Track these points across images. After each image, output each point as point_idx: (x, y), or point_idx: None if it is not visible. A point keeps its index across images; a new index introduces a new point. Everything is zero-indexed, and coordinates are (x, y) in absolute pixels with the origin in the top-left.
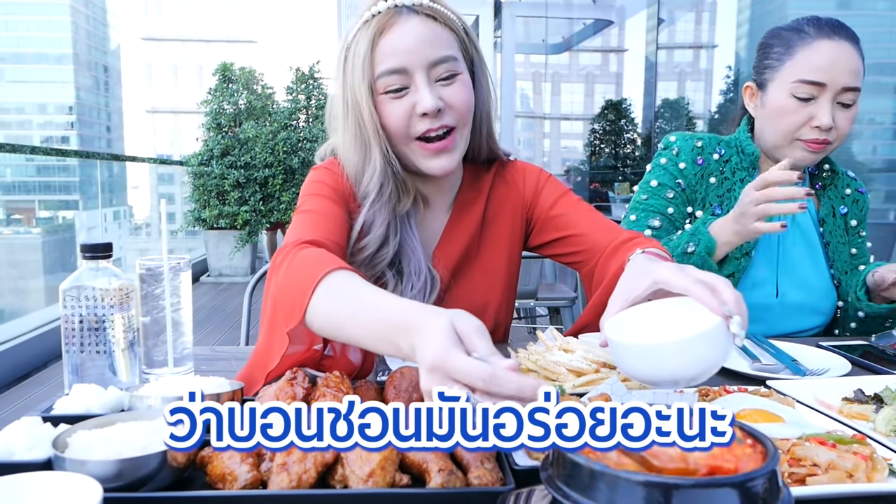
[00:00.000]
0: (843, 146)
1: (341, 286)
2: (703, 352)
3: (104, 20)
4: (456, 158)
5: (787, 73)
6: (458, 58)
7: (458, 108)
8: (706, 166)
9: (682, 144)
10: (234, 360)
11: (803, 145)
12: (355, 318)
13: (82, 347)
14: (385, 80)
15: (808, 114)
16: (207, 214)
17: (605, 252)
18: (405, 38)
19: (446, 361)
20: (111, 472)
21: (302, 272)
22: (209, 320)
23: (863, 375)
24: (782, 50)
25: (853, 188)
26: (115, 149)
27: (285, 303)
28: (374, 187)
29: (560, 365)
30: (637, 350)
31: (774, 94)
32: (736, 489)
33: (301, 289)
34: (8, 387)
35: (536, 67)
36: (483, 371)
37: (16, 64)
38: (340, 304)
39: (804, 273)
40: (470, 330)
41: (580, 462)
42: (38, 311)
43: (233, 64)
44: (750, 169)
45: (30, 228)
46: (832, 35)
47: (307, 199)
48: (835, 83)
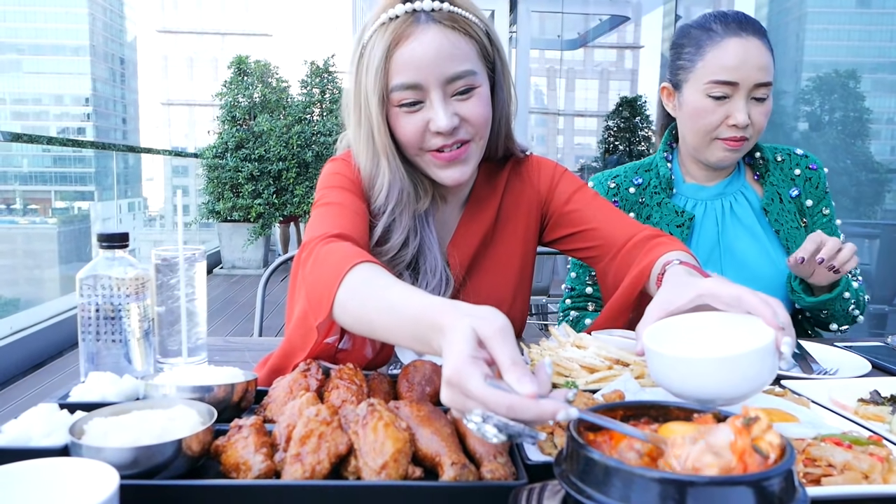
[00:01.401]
0: (861, 145)
1: (366, 281)
2: (752, 371)
3: (121, 12)
4: (469, 169)
5: (700, 74)
6: (476, 71)
7: (475, 123)
8: (623, 205)
9: (598, 190)
10: (247, 351)
11: (723, 144)
12: (382, 316)
13: (98, 336)
14: (399, 93)
15: (724, 112)
16: (221, 207)
17: (622, 248)
18: (421, 52)
19: (463, 383)
20: (127, 459)
21: (327, 267)
22: (222, 312)
23: (879, 377)
24: (693, 50)
25: (803, 166)
26: (130, 140)
27: (314, 297)
28: (392, 199)
29: (573, 361)
30: (680, 364)
31: (690, 96)
32: (751, 488)
33: (327, 284)
34: (24, 374)
35: (551, 63)
36: (501, 402)
37: (34, 55)
38: (365, 301)
39: (752, 266)
40: (492, 334)
41: (595, 458)
42: (53, 301)
43: (248, 57)
44: (667, 190)
45: (46, 218)
46: (739, 32)
47: (327, 192)
48: (746, 80)
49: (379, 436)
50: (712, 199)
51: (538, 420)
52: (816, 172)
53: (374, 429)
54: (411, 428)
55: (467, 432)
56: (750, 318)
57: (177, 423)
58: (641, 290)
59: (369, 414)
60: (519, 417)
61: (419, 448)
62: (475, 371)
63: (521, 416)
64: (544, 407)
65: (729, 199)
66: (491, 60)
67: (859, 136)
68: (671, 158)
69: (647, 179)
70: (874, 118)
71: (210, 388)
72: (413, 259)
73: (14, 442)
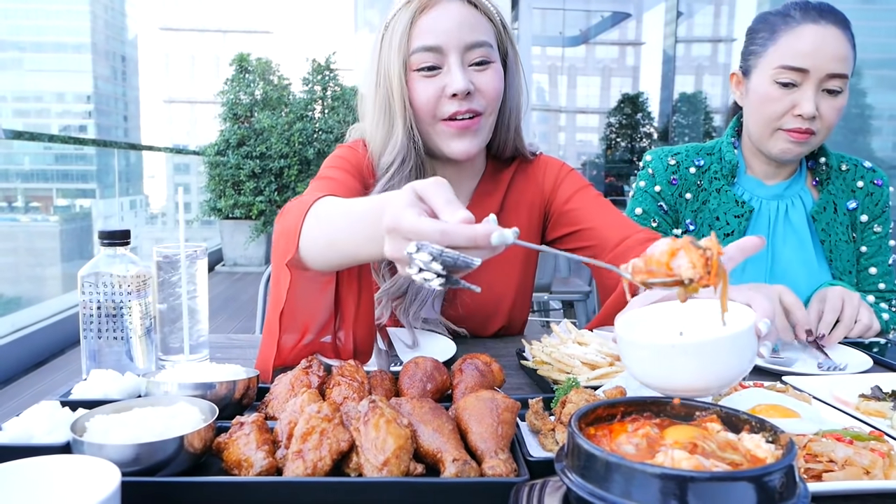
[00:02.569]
0: (863, 141)
1: (327, 208)
2: (724, 358)
3: (122, 10)
4: (478, 143)
5: (770, 59)
6: (493, 46)
7: (488, 94)
8: (681, 184)
9: (656, 165)
10: (249, 349)
11: (786, 135)
12: (340, 222)
13: (100, 333)
14: (419, 56)
15: (790, 101)
16: (223, 204)
17: (616, 247)
18: (444, 18)
19: (399, 223)
20: (129, 456)
21: (294, 210)
22: (224, 309)
23: (880, 372)
24: (767, 35)
25: (868, 180)
26: (131, 138)
27: (281, 243)
28: (397, 161)
29: (574, 358)
30: (647, 351)
31: (757, 81)
32: (752, 483)
33: (294, 222)
34: (25, 372)
35: (553, 60)
36: (434, 227)
37: (35, 53)
38: (327, 223)
39: (794, 276)
40: (427, 185)
41: (596, 453)
42: (54, 298)
43: (249, 54)
44: (729, 178)
45: (47, 216)
46: (818, 19)
47: (325, 170)
48: (818, 69)
49: (380, 432)
50: (769, 199)
51: (471, 243)
52: (881, 189)
53: (376, 425)
54: (413, 425)
55: (469, 429)
56: (735, 305)
57: (178, 421)
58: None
59: (371, 411)
60: (452, 243)
61: (420, 445)
62: (411, 210)
63: (454, 240)
64: (477, 230)
65: (786, 201)
66: (504, 49)
67: (861, 133)
68: (737, 146)
69: (709, 163)
70: (876, 114)
71: (212, 385)
72: None
73: (16, 439)
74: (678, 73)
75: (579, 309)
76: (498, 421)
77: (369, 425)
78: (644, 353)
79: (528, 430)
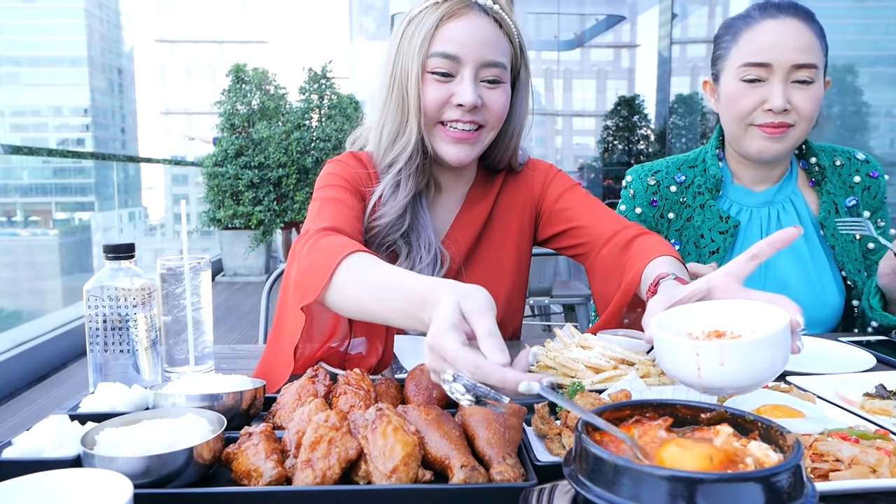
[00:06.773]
0: (860, 138)
1: (362, 267)
2: (769, 357)
3: (118, 23)
4: (474, 153)
5: (734, 60)
6: (507, 68)
7: (493, 112)
8: (662, 205)
9: (636, 186)
10: (253, 359)
11: (759, 132)
12: (377, 297)
13: (106, 346)
14: (436, 60)
15: (759, 97)
16: (222, 215)
17: (607, 243)
18: (469, 31)
19: (441, 347)
20: (140, 468)
21: (323, 255)
22: (225, 320)
23: (884, 371)
24: (730, 38)
25: (863, 173)
26: (129, 150)
27: (304, 285)
28: (403, 157)
29: (578, 362)
30: (695, 350)
31: (725, 83)
32: (760, 484)
33: (322, 269)
34: (28, 386)
35: (548, 64)
36: (470, 362)
37: (32, 67)
38: (362, 284)
39: (793, 288)
40: (473, 308)
41: (604, 457)
42: (56, 312)
43: (245, 65)
44: (714, 191)
45: (47, 230)
46: (776, 14)
47: (323, 189)
48: (781, 61)
49: (388, 440)
50: (759, 207)
51: (501, 385)
52: (877, 181)
53: (384, 433)
54: (420, 431)
55: (476, 435)
56: (759, 305)
57: (187, 432)
58: (634, 294)
59: (378, 418)
60: (484, 380)
61: (428, 451)
62: (454, 336)
63: (486, 378)
64: (508, 374)
65: (777, 207)
66: (517, 71)
67: (858, 130)
68: (722, 157)
69: (692, 177)
70: (873, 112)
71: (219, 396)
72: (407, 232)
73: (26, 454)
74: (674, 75)
75: (580, 312)
76: (504, 426)
77: (377, 433)
78: (688, 354)
79: (535, 435)
